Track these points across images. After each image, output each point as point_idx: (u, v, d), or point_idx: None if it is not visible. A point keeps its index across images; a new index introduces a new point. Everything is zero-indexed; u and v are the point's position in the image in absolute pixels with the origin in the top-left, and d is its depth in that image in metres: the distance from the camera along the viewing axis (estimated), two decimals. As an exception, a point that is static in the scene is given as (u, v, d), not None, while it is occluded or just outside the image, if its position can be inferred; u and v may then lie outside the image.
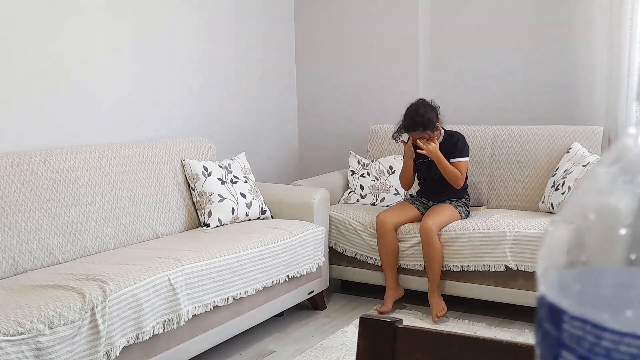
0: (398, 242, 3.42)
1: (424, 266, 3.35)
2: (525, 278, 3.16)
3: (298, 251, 3.21)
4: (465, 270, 3.30)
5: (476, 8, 4.12)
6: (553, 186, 3.41)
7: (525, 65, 4.00)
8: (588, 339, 0.31)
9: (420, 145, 3.30)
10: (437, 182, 3.46)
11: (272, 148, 4.53)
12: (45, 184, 2.76)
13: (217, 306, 2.73)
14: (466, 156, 3.45)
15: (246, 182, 3.50)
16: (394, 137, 3.46)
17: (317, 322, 3.38)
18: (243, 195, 3.43)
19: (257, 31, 4.32)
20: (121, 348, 2.27)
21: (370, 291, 3.74)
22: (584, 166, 3.30)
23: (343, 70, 4.53)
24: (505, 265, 3.18)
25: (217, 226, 3.32)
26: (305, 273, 3.28)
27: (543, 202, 3.50)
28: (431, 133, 3.32)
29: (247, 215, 3.42)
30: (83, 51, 3.14)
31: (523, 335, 3.10)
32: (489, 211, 3.64)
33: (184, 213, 3.36)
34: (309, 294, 3.41)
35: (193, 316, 2.60)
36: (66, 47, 3.06)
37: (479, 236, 3.24)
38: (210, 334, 2.73)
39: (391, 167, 3.97)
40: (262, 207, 3.49)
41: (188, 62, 3.78)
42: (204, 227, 3.32)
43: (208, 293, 2.66)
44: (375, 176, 3.97)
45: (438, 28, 4.26)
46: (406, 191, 3.80)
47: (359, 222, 3.58)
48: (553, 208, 3.39)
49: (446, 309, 3.31)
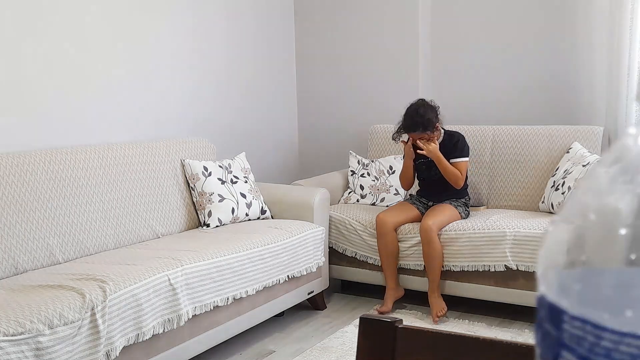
0: (398, 242, 3.42)
1: (424, 266, 3.35)
2: (525, 278, 3.16)
3: (298, 251, 3.21)
4: (465, 270, 3.30)
5: (476, 8, 4.12)
6: (553, 186, 3.41)
7: (525, 65, 4.00)
8: (588, 339, 0.31)
9: (420, 145, 3.30)
10: (437, 182, 3.46)
11: (272, 148, 4.53)
12: (45, 184, 2.76)
13: (217, 306, 2.72)
14: (466, 156, 3.45)
15: (246, 182, 3.50)
16: (394, 138, 3.46)
17: (317, 322, 3.38)
18: (243, 195, 3.43)
19: (257, 31, 4.32)
20: (121, 348, 2.27)
21: (370, 291, 3.74)
22: (584, 166, 3.30)
23: (343, 70, 4.53)
24: (505, 265, 3.18)
25: (217, 226, 3.32)
26: (305, 273, 3.28)
27: (543, 202, 3.50)
28: (431, 133, 3.32)
29: (247, 215, 3.42)
30: (83, 51, 3.14)
31: (523, 335, 3.10)
32: (489, 211, 3.64)
33: (184, 213, 3.36)
34: (309, 294, 3.41)
35: (193, 316, 2.60)
36: (66, 48, 3.06)
37: (479, 236, 3.24)
38: (210, 334, 2.73)
39: (391, 167, 3.97)
40: (262, 207, 3.49)
41: (188, 62, 3.78)
42: (204, 227, 3.32)
43: (208, 293, 2.66)
44: (375, 176, 3.97)
45: (438, 28, 4.26)
46: (406, 191, 3.80)
47: (359, 222, 3.58)
48: (553, 208, 3.39)
49: (446, 309, 3.31)
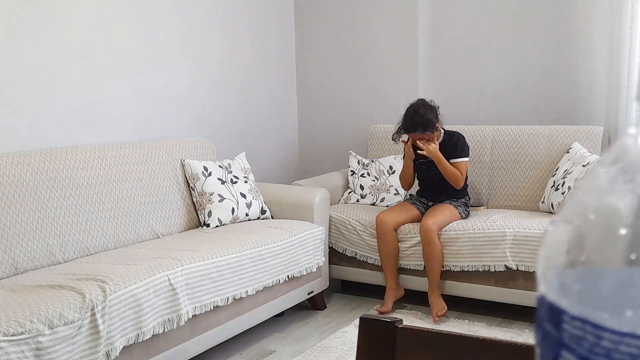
0: (398, 242, 3.42)
1: (424, 266, 3.35)
2: (525, 278, 3.16)
3: (298, 251, 3.21)
4: (465, 270, 3.30)
5: (476, 8, 4.12)
6: (553, 186, 3.41)
7: (525, 65, 4.00)
8: (588, 339, 0.31)
9: (420, 145, 3.30)
10: (437, 182, 3.46)
11: (272, 148, 4.53)
12: (45, 184, 2.76)
13: (217, 306, 2.72)
14: (466, 156, 3.45)
15: (246, 182, 3.50)
16: (394, 138, 3.45)
17: (317, 322, 3.38)
18: (243, 195, 3.43)
19: (256, 32, 4.32)
20: (121, 348, 2.27)
21: (370, 291, 3.74)
22: (584, 166, 3.30)
23: (343, 70, 4.53)
24: (505, 265, 3.18)
25: (217, 226, 3.32)
26: (305, 273, 3.28)
27: (543, 202, 3.50)
28: (431, 134, 3.32)
29: (247, 215, 3.42)
30: (82, 51, 3.14)
31: (523, 335, 3.10)
32: (489, 211, 3.64)
33: (184, 213, 3.36)
34: (309, 294, 3.41)
35: (193, 316, 2.60)
36: (66, 47, 3.06)
37: (479, 236, 3.24)
38: (210, 334, 2.73)
39: (391, 167, 3.97)
40: (262, 207, 3.49)
41: (188, 62, 3.78)
42: (204, 227, 3.32)
43: (208, 293, 2.66)
44: (375, 176, 3.97)
45: (438, 28, 4.26)
46: (406, 191, 3.80)
47: (359, 222, 3.58)
48: (553, 208, 3.39)
49: (446, 309, 3.31)
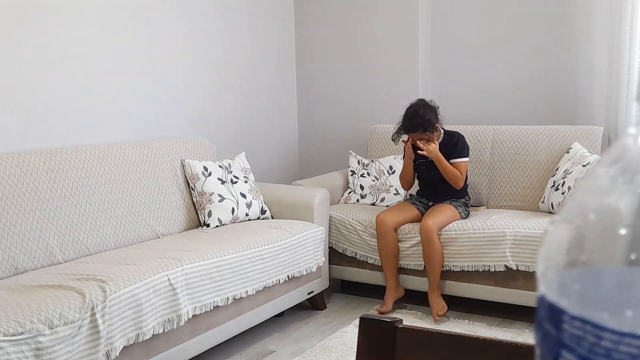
0: (398, 242, 3.42)
1: (424, 266, 3.35)
2: (525, 278, 3.16)
3: (298, 251, 3.21)
4: (465, 270, 3.30)
5: (476, 8, 4.12)
6: (553, 186, 3.41)
7: (525, 65, 4.00)
8: (588, 339, 0.31)
9: (420, 146, 3.30)
10: (437, 182, 3.46)
11: (272, 148, 4.53)
12: (45, 184, 2.76)
13: (217, 306, 2.72)
14: (466, 156, 3.45)
15: (246, 182, 3.50)
16: (393, 139, 3.45)
17: (317, 322, 3.38)
18: (243, 195, 3.43)
19: (256, 32, 4.32)
20: (121, 348, 2.27)
21: (370, 291, 3.74)
22: (584, 166, 3.30)
23: (343, 70, 4.53)
24: (505, 265, 3.18)
25: (217, 226, 3.32)
26: (305, 273, 3.28)
27: (543, 202, 3.50)
28: (431, 134, 3.32)
29: (247, 215, 3.42)
30: (83, 51, 3.14)
31: (523, 335, 3.10)
32: (489, 211, 3.64)
33: (184, 213, 3.36)
34: (309, 294, 3.41)
35: (193, 316, 2.60)
36: (66, 47, 3.06)
37: (479, 236, 3.24)
38: (210, 334, 2.73)
39: (391, 167, 3.97)
40: (262, 207, 3.49)
41: (188, 62, 3.78)
42: (204, 227, 3.32)
43: (208, 293, 2.66)
44: (375, 176, 3.97)
45: (438, 28, 4.26)
46: (406, 191, 3.80)
47: (359, 222, 3.58)
48: (553, 208, 3.39)
49: (446, 308, 3.31)
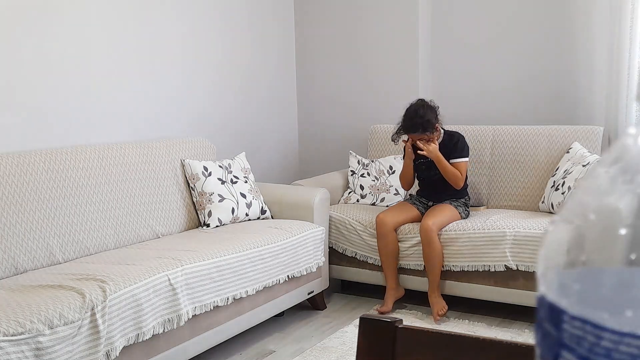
0: (398, 242, 3.42)
1: (424, 266, 3.35)
2: (525, 278, 3.16)
3: (298, 251, 3.21)
4: (465, 270, 3.30)
5: (476, 8, 4.12)
6: (553, 186, 3.41)
7: (525, 65, 3.99)
8: (588, 339, 0.31)
9: (419, 146, 3.30)
10: (437, 182, 3.45)
11: (272, 148, 4.53)
12: (45, 184, 2.76)
13: (217, 306, 2.72)
14: (466, 156, 3.45)
15: (246, 182, 3.50)
16: (393, 139, 3.45)
17: (317, 322, 3.38)
18: (243, 195, 3.43)
19: (257, 31, 4.32)
20: (121, 348, 2.27)
21: (370, 291, 3.74)
22: (584, 166, 3.30)
23: (343, 70, 4.53)
24: (505, 265, 3.18)
25: (217, 226, 3.32)
26: (305, 273, 3.28)
27: (543, 202, 3.50)
28: (431, 134, 3.32)
29: (247, 215, 3.42)
30: (83, 51, 3.14)
31: (523, 335, 3.10)
32: (489, 211, 3.64)
33: (184, 213, 3.36)
34: (309, 294, 3.40)
35: (193, 316, 2.60)
36: (66, 47, 3.06)
37: (479, 236, 3.24)
38: (210, 334, 2.73)
39: (391, 167, 3.97)
40: (262, 207, 3.49)
41: (187, 62, 3.78)
42: (204, 227, 3.32)
43: (208, 293, 2.66)
44: (375, 176, 3.97)
45: (438, 28, 4.26)
46: (406, 191, 3.80)
47: (359, 222, 3.58)
48: (553, 208, 3.39)
49: (447, 308, 3.30)
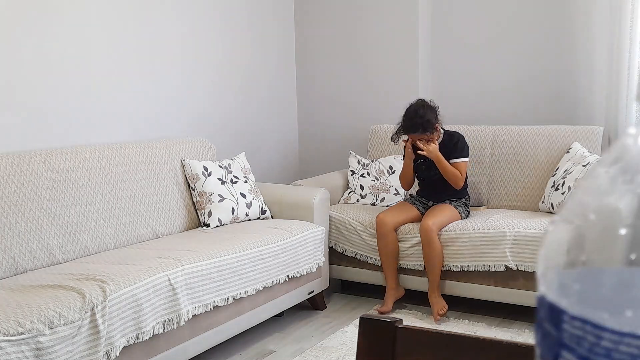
0: (398, 242, 3.42)
1: (424, 266, 3.35)
2: (525, 278, 3.16)
3: (298, 251, 3.21)
4: (465, 270, 3.30)
5: (476, 8, 4.12)
6: (553, 186, 3.41)
7: (525, 65, 3.99)
8: (588, 339, 0.31)
9: (419, 146, 3.29)
10: (437, 182, 3.45)
11: (272, 148, 4.53)
12: (45, 184, 2.76)
13: (217, 306, 2.72)
14: (466, 156, 3.45)
15: (246, 182, 3.50)
16: (393, 139, 3.44)
17: (317, 322, 3.38)
18: (243, 195, 3.43)
19: (257, 31, 4.32)
20: (121, 348, 2.27)
21: (370, 291, 3.74)
22: (584, 166, 3.30)
23: (343, 70, 4.53)
24: (505, 265, 3.18)
25: (217, 226, 3.32)
26: (305, 273, 3.28)
27: (543, 202, 3.50)
28: (430, 134, 3.31)
29: (247, 215, 3.42)
30: (83, 51, 3.14)
31: (523, 335, 3.10)
32: (489, 211, 3.64)
33: (184, 213, 3.36)
34: (309, 294, 3.40)
35: (193, 316, 2.60)
36: (66, 47, 3.06)
37: (479, 236, 3.24)
38: (210, 334, 2.73)
39: (391, 167, 3.97)
40: (262, 207, 3.49)
41: (187, 62, 3.78)
42: (204, 227, 3.32)
43: (208, 293, 2.66)
44: (375, 176, 3.97)
45: (438, 28, 4.26)
46: (406, 191, 3.80)
47: (359, 222, 3.58)
48: (553, 208, 3.39)
49: (447, 307, 3.30)
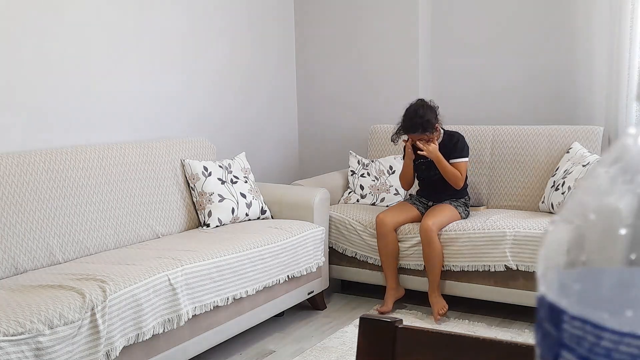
0: (398, 242, 3.42)
1: (424, 266, 3.35)
2: (525, 278, 3.16)
3: (298, 251, 3.21)
4: (465, 270, 3.30)
5: (476, 8, 4.12)
6: (553, 186, 3.41)
7: (525, 65, 3.99)
8: (588, 339, 0.31)
9: (419, 146, 3.29)
10: (437, 182, 3.45)
11: (272, 148, 4.53)
12: (45, 184, 2.76)
13: (217, 306, 2.72)
14: (466, 156, 3.45)
15: (246, 182, 3.50)
16: (393, 139, 3.44)
17: (317, 322, 3.38)
18: (243, 195, 3.43)
19: (257, 31, 4.32)
20: (121, 348, 2.27)
21: (370, 291, 3.74)
22: (584, 166, 3.30)
23: (343, 70, 4.53)
24: (505, 265, 3.18)
25: (217, 226, 3.32)
26: (305, 273, 3.28)
27: (543, 202, 3.50)
28: (430, 134, 3.31)
29: (247, 215, 3.42)
30: (83, 51, 3.14)
31: (523, 335, 3.10)
32: (489, 211, 3.64)
33: (184, 213, 3.36)
34: (309, 294, 3.40)
35: (193, 316, 2.60)
36: (66, 47, 3.06)
37: (479, 236, 3.24)
38: (210, 334, 2.73)
39: (391, 167, 3.97)
40: (262, 207, 3.49)
41: (187, 62, 3.78)
42: (204, 227, 3.32)
43: (208, 293, 2.66)
44: (375, 176, 3.97)
45: (438, 28, 4.26)
46: (406, 191, 3.80)
47: (359, 222, 3.58)
48: (553, 208, 3.39)
49: (447, 307, 3.30)
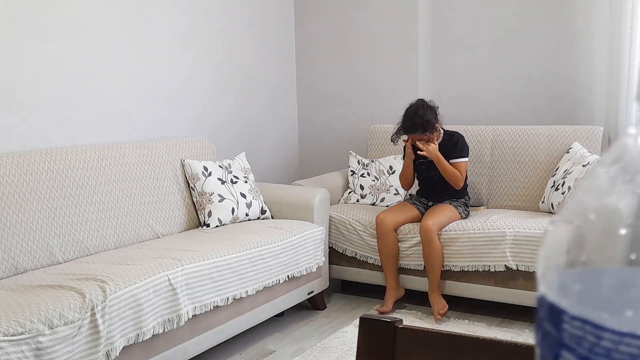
0: (398, 242, 3.42)
1: (424, 266, 3.35)
2: (525, 278, 3.16)
3: (298, 251, 3.21)
4: (465, 270, 3.30)
5: (476, 8, 4.12)
6: (553, 186, 3.41)
7: (525, 65, 4.00)
8: (588, 339, 0.31)
9: (419, 146, 3.29)
10: (437, 182, 3.45)
11: (272, 148, 4.53)
12: (45, 184, 2.76)
13: (217, 306, 2.72)
14: (466, 156, 3.45)
15: (246, 182, 3.50)
16: (393, 140, 3.44)
17: (317, 322, 3.38)
18: (243, 195, 3.43)
19: (256, 31, 4.32)
20: (121, 348, 2.27)
21: (370, 291, 3.74)
22: (584, 166, 3.30)
23: (343, 70, 4.53)
24: (505, 265, 3.18)
25: (217, 226, 3.32)
26: (305, 273, 3.28)
27: (543, 202, 3.50)
28: (430, 134, 3.31)
29: (247, 215, 3.42)
30: (83, 51, 3.14)
31: (523, 335, 3.10)
32: (489, 211, 3.64)
33: (184, 213, 3.36)
34: (309, 294, 3.40)
35: (193, 316, 2.60)
36: (66, 47, 3.06)
37: (479, 236, 3.24)
38: (210, 334, 2.73)
39: (391, 167, 3.97)
40: (262, 207, 3.49)
41: (188, 62, 3.78)
42: (204, 227, 3.32)
43: (208, 293, 2.66)
44: (375, 176, 3.97)
45: (438, 28, 4.26)
46: (406, 191, 3.80)
47: (359, 222, 3.58)
48: (553, 208, 3.39)
49: (447, 307, 3.30)
